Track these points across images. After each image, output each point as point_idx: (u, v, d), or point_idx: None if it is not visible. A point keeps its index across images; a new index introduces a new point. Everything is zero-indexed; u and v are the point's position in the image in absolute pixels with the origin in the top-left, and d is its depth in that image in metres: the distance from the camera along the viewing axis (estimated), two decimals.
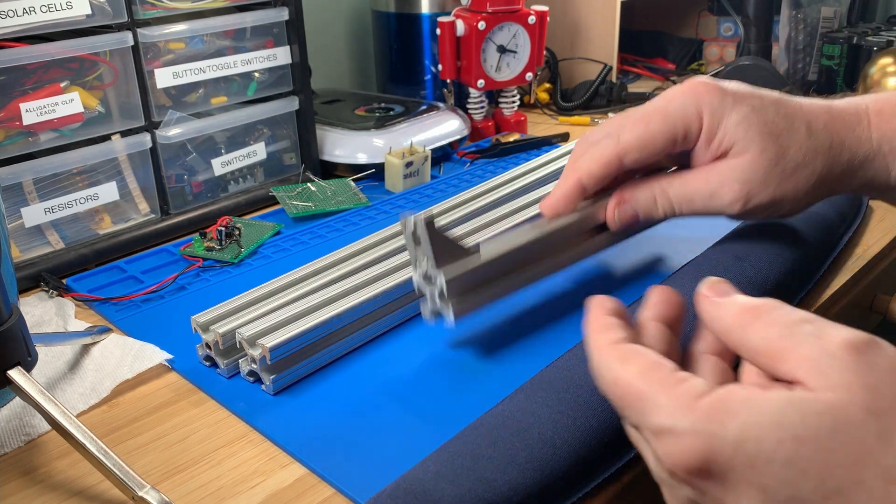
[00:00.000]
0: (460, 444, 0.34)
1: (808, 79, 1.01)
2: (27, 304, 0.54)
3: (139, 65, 0.62)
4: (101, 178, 0.62)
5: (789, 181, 0.43)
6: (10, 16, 0.53)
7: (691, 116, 0.43)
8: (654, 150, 0.44)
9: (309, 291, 0.47)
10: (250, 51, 0.69)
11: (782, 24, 1.01)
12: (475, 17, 0.84)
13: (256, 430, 0.41)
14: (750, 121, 0.43)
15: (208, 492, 0.37)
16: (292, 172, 0.76)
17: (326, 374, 0.45)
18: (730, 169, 0.43)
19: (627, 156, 0.44)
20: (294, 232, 0.65)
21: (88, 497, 0.37)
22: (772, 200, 0.44)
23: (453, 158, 0.83)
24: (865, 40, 0.93)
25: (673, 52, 1.21)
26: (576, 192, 0.46)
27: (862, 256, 0.58)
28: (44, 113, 0.57)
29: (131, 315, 0.53)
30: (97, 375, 0.46)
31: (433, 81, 0.95)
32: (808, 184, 0.44)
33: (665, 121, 0.44)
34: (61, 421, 0.36)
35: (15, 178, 0.57)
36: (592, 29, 1.05)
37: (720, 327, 0.30)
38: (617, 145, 0.44)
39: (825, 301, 0.53)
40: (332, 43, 1.06)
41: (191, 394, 0.44)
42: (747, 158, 0.43)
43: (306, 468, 0.38)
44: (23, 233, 0.58)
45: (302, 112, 0.74)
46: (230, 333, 0.44)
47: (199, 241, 0.62)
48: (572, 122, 0.98)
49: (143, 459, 0.39)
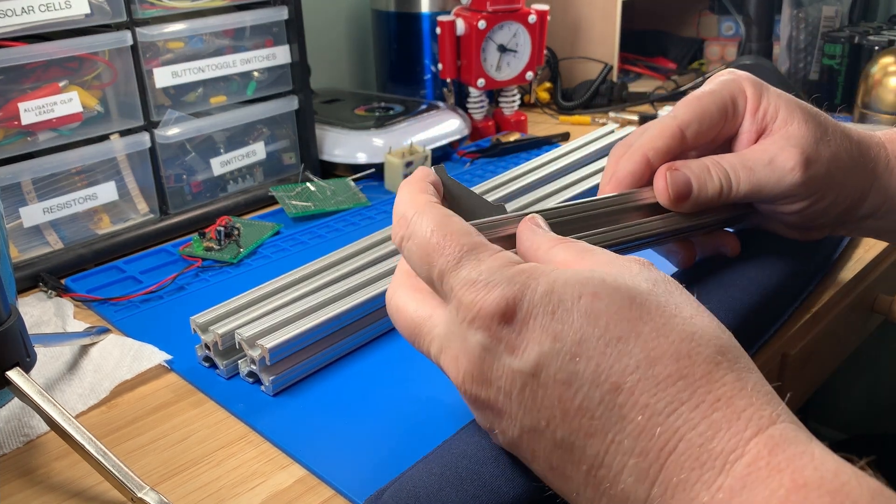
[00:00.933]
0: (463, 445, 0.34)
1: (809, 78, 1.00)
2: (26, 305, 0.54)
3: (138, 64, 0.62)
4: (100, 178, 0.62)
5: (836, 158, 0.44)
6: (8, 15, 0.53)
7: (736, 91, 0.46)
8: (711, 122, 0.45)
9: (308, 292, 0.47)
10: (249, 50, 0.69)
11: (783, 24, 1.00)
12: (475, 17, 0.84)
13: (256, 430, 0.41)
14: (788, 97, 0.45)
15: (207, 493, 0.37)
16: (292, 172, 0.76)
17: (326, 374, 0.45)
18: (783, 137, 0.44)
19: (688, 128, 0.45)
20: (293, 232, 0.65)
21: (87, 498, 0.37)
22: (827, 171, 0.44)
23: (453, 158, 0.83)
24: (867, 40, 0.93)
25: (674, 51, 1.21)
26: (644, 169, 0.45)
27: (863, 257, 0.58)
28: (42, 112, 0.56)
29: (130, 315, 0.53)
30: (96, 376, 0.45)
31: (433, 81, 0.95)
32: (847, 165, 0.44)
33: (714, 96, 0.46)
34: (60, 422, 0.36)
35: (14, 177, 0.56)
36: (593, 28, 1.05)
37: (530, 245, 0.34)
38: (675, 119, 0.45)
39: (827, 301, 0.53)
40: (331, 42, 1.06)
41: (190, 395, 0.44)
42: (795, 126, 0.44)
43: (306, 469, 0.38)
44: (21, 233, 0.58)
45: (301, 111, 0.74)
46: (229, 334, 0.44)
47: (198, 241, 0.62)
48: (573, 121, 0.98)
49: (142, 460, 0.39)
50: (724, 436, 0.26)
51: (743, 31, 1.02)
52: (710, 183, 0.43)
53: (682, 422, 0.26)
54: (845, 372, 1.27)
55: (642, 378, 0.27)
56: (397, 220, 0.34)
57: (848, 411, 1.35)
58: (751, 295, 0.45)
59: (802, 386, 0.57)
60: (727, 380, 0.27)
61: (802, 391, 0.58)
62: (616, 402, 0.27)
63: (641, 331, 0.28)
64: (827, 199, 0.44)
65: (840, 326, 0.57)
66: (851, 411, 1.34)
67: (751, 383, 0.27)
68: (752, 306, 0.45)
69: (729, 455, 0.25)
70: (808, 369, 0.55)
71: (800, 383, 0.56)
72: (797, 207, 0.45)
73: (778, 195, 0.44)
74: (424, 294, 0.34)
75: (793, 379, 0.52)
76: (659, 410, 0.26)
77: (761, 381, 0.28)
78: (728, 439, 0.26)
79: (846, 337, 0.61)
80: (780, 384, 0.29)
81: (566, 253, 0.32)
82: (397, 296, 0.35)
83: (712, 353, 0.28)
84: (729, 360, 0.28)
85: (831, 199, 0.44)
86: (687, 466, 0.26)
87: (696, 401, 0.26)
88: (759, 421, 0.26)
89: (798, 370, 0.53)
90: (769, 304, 0.47)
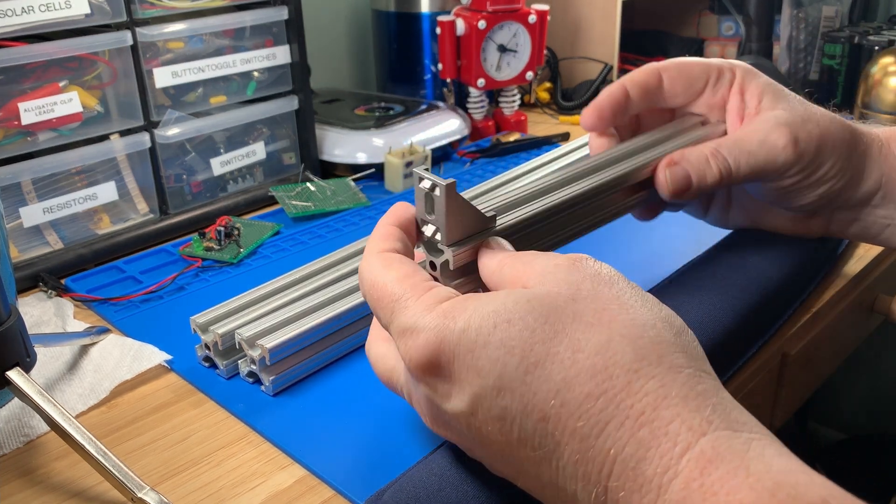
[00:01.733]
0: None
1: (809, 78, 1.00)
2: (26, 305, 0.54)
3: (138, 64, 0.62)
4: (100, 178, 0.62)
5: (825, 135, 0.45)
6: (8, 15, 0.53)
7: (725, 67, 0.47)
8: (690, 76, 0.47)
9: (309, 292, 0.47)
10: (249, 50, 0.69)
11: (783, 24, 1.00)
12: (475, 17, 0.84)
13: (256, 431, 0.41)
14: (774, 85, 0.47)
15: (207, 493, 0.37)
16: (292, 172, 0.76)
17: (326, 374, 0.45)
18: (771, 118, 0.45)
19: (666, 72, 0.47)
20: (293, 232, 0.65)
21: (87, 498, 0.37)
22: (816, 148, 0.44)
23: (453, 158, 0.83)
24: (867, 39, 0.93)
25: (674, 51, 1.21)
26: (621, 96, 0.47)
27: (863, 257, 0.58)
28: (42, 112, 0.56)
29: (130, 315, 0.53)
30: (96, 376, 0.45)
31: (433, 81, 0.95)
32: (841, 143, 0.45)
33: (701, 62, 0.48)
34: (60, 422, 0.36)
35: (13, 177, 0.56)
36: (593, 28, 1.05)
37: (486, 272, 0.34)
38: (658, 64, 0.48)
39: (827, 301, 0.53)
40: (331, 42, 1.06)
41: (190, 395, 0.44)
42: (781, 108, 0.45)
43: (306, 469, 0.38)
44: (21, 233, 0.58)
45: (301, 111, 0.74)
46: (229, 334, 0.44)
47: (198, 241, 0.62)
48: (573, 121, 0.98)
49: (142, 460, 0.39)
50: (654, 455, 0.24)
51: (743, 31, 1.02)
52: (709, 172, 0.44)
53: (611, 442, 0.25)
54: (845, 372, 1.27)
55: (564, 402, 0.26)
56: None
57: (848, 411, 1.34)
58: (751, 295, 0.45)
59: (802, 386, 0.57)
60: (649, 388, 0.25)
61: (802, 391, 0.57)
62: (548, 431, 0.26)
63: (557, 351, 0.27)
64: (822, 168, 0.45)
65: (840, 326, 0.57)
66: (851, 411, 1.34)
67: (676, 386, 0.25)
68: (752, 306, 0.45)
69: (662, 477, 0.24)
70: (808, 369, 0.55)
71: (800, 383, 0.56)
72: (793, 181, 0.45)
73: (773, 172, 0.45)
74: (390, 344, 0.35)
75: (793, 379, 0.52)
76: (587, 433, 0.25)
77: (692, 378, 0.26)
78: (658, 459, 0.24)
79: (846, 337, 0.61)
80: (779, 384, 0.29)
81: (513, 269, 0.32)
82: (372, 348, 0.36)
83: (630, 361, 0.26)
84: (651, 364, 0.26)
85: (826, 169, 0.45)
86: (627, 488, 0.25)
87: (621, 417, 0.25)
88: (688, 434, 0.24)
89: (798, 370, 0.53)
90: (769, 304, 0.47)
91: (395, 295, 0.31)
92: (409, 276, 0.31)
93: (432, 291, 0.30)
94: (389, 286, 0.31)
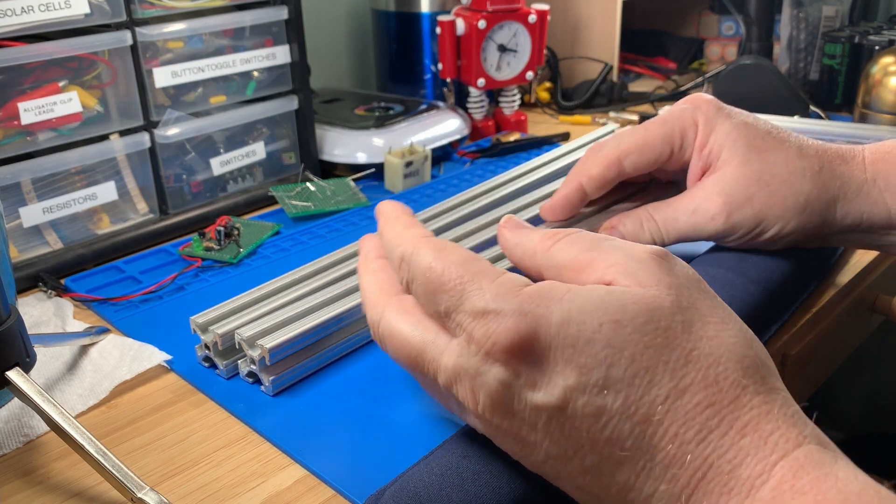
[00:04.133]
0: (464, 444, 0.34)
1: (809, 78, 1.00)
2: (25, 305, 0.54)
3: (138, 64, 0.62)
4: (100, 178, 0.62)
5: (774, 198, 0.44)
6: (8, 15, 0.53)
7: (688, 122, 0.46)
8: (653, 153, 0.46)
9: (308, 292, 0.47)
10: (249, 50, 0.68)
11: (784, 24, 1.00)
12: (475, 16, 0.83)
13: (256, 431, 0.41)
14: (739, 132, 0.45)
15: (207, 493, 0.37)
16: (291, 172, 0.75)
17: (326, 374, 0.45)
18: (713, 182, 0.45)
19: (626, 158, 0.46)
20: (293, 232, 0.65)
21: (87, 498, 0.37)
22: (755, 218, 0.44)
23: (453, 158, 0.83)
24: (867, 39, 0.93)
25: (674, 51, 1.21)
26: (576, 196, 0.48)
27: (863, 257, 0.58)
28: (42, 112, 0.56)
29: (130, 315, 0.53)
30: (96, 376, 0.45)
31: (433, 80, 0.95)
32: (795, 205, 0.44)
33: (664, 126, 0.46)
34: (60, 422, 0.36)
35: (13, 177, 0.56)
36: (593, 28, 1.05)
37: (524, 251, 0.33)
38: (616, 148, 0.47)
39: (827, 301, 0.53)
40: (331, 42, 1.06)
41: (190, 395, 0.44)
42: (730, 169, 0.44)
43: (306, 470, 0.38)
44: (21, 233, 0.58)
45: (301, 111, 0.74)
46: (229, 334, 0.44)
47: (197, 241, 0.62)
48: (573, 121, 0.98)
49: (142, 461, 0.39)
50: (752, 461, 0.26)
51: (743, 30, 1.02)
52: (642, 237, 0.47)
53: (711, 449, 0.26)
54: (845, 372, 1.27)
55: (672, 409, 0.27)
56: (397, 263, 0.34)
57: (848, 411, 1.34)
58: (751, 295, 0.45)
59: (802, 386, 0.57)
60: (754, 403, 0.27)
61: (802, 391, 0.57)
62: (646, 433, 0.27)
63: (669, 359, 0.27)
64: (768, 233, 0.45)
65: (840, 326, 0.56)
66: (851, 411, 1.34)
67: (777, 405, 0.27)
68: (752, 306, 0.45)
69: (755, 480, 0.26)
70: (809, 369, 0.55)
71: (800, 383, 0.56)
72: (734, 243, 0.47)
73: (705, 239, 0.46)
74: (417, 315, 0.32)
75: (793, 379, 0.52)
76: (689, 439, 0.27)
77: (787, 400, 0.28)
78: (755, 464, 0.26)
79: (846, 337, 0.61)
80: None
81: (569, 250, 0.31)
82: (387, 319, 0.33)
83: (739, 377, 0.27)
84: (755, 382, 0.28)
85: (774, 232, 0.45)
86: (716, 492, 0.26)
87: (725, 427, 0.27)
88: (785, 445, 0.26)
89: (798, 370, 0.53)
90: (769, 305, 0.47)
91: (462, 277, 0.30)
92: (472, 259, 0.31)
93: (507, 276, 0.30)
94: (453, 268, 0.30)
